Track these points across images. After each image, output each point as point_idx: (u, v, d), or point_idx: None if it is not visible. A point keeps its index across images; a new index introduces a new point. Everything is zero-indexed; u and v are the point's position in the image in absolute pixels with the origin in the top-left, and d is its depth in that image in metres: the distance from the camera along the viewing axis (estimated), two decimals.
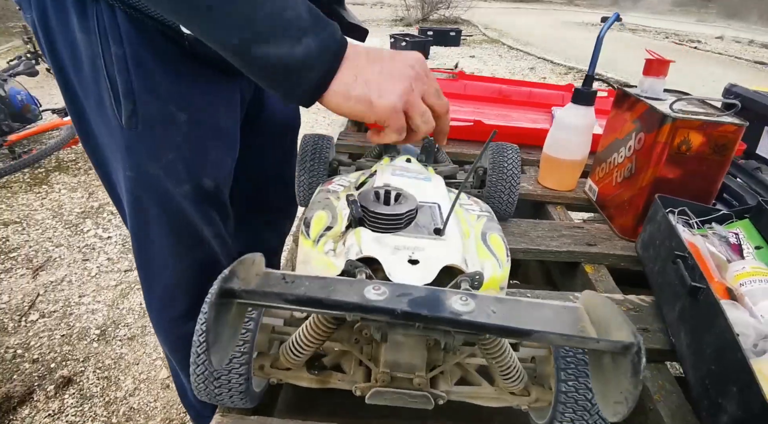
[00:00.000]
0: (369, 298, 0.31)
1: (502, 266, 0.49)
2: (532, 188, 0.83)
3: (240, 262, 0.29)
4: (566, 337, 0.28)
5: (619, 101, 0.74)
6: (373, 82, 0.44)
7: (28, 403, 1.38)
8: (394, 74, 0.45)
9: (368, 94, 0.44)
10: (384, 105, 0.44)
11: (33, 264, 1.97)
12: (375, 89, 0.44)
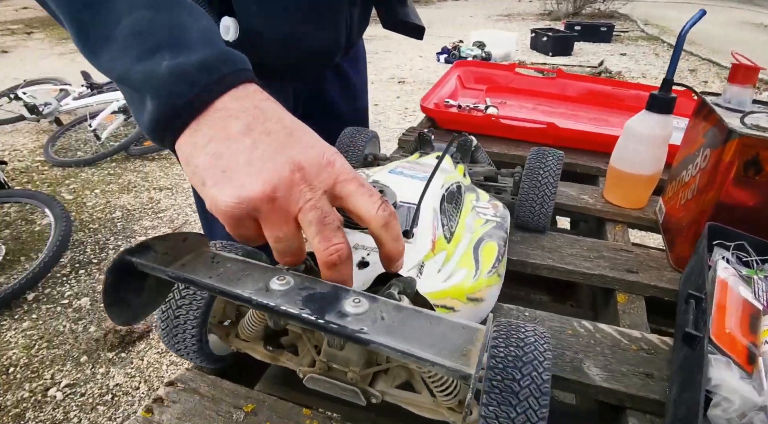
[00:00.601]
0: (272, 288, 0.32)
1: (478, 277, 0.47)
2: (591, 202, 0.75)
3: (160, 237, 0.34)
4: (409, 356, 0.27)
5: (698, 111, 0.63)
6: (225, 160, 0.30)
7: (145, 339, 1.67)
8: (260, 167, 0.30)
9: (207, 172, 0.30)
10: (215, 195, 0.30)
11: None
12: (217, 171, 0.30)
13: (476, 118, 0.97)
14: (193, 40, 0.32)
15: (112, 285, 0.31)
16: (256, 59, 0.68)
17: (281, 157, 0.30)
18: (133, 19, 0.31)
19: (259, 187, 0.29)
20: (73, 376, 1.51)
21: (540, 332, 0.38)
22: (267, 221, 0.30)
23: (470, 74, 1.24)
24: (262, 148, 0.30)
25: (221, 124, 0.31)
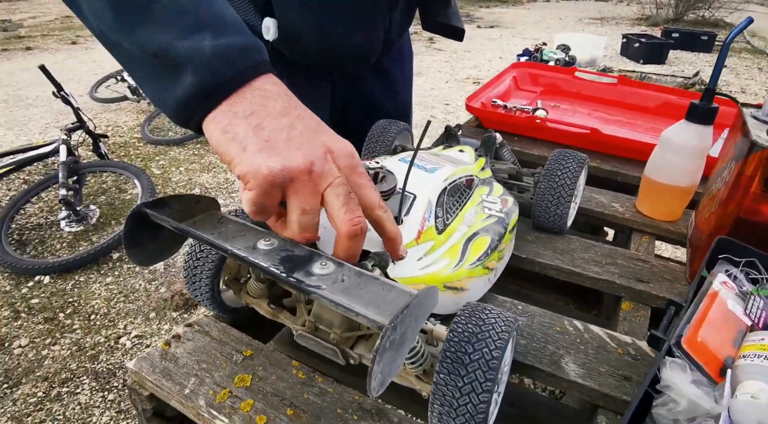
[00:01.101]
0: (258, 247, 0.38)
1: (459, 268, 0.49)
2: (621, 211, 0.74)
3: (177, 195, 0.40)
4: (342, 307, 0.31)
5: (736, 122, 0.60)
6: (266, 132, 0.33)
7: None
8: (299, 142, 0.34)
9: (249, 139, 0.33)
10: (256, 161, 0.32)
11: None
12: (260, 140, 0.33)
13: (519, 119, 0.97)
14: (230, 26, 0.35)
15: (130, 230, 0.38)
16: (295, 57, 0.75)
17: (316, 140, 0.35)
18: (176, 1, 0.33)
19: (300, 160, 0.33)
20: (142, 329, 1.70)
21: (504, 317, 0.40)
22: (299, 192, 0.33)
23: (526, 76, 1.23)
24: (299, 129, 0.34)
25: (261, 102, 0.34)
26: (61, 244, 2.16)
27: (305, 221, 0.35)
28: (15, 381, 1.48)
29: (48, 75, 2.29)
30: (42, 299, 1.83)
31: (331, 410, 0.42)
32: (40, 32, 6.10)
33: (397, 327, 0.29)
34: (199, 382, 0.44)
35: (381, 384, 0.30)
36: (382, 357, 0.28)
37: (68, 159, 2.23)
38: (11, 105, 3.74)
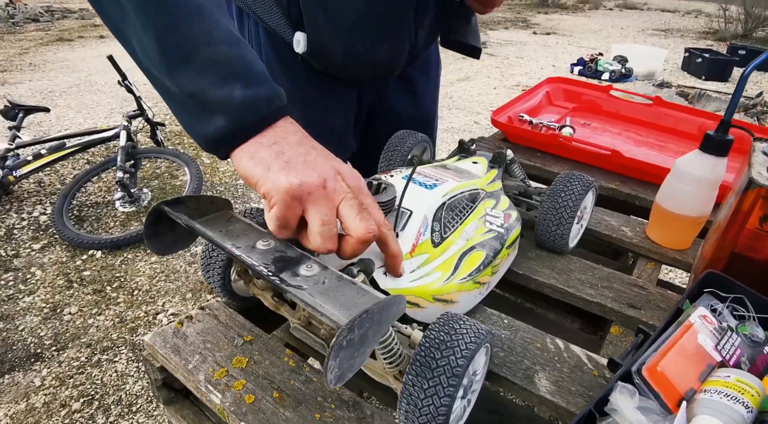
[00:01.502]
0: (257, 246, 0.43)
1: (449, 282, 0.52)
2: (629, 236, 0.74)
3: (192, 196, 0.46)
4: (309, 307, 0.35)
5: (748, 154, 0.59)
6: (286, 155, 0.39)
7: None
8: (313, 163, 0.40)
9: (272, 161, 0.39)
10: (278, 178, 0.38)
11: None
12: (281, 162, 0.39)
13: (542, 135, 0.98)
14: (258, 77, 0.41)
15: (150, 224, 0.44)
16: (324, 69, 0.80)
17: (327, 163, 0.41)
18: (212, 51, 0.39)
19: (315, 177, 0.39)
20: (178, 307, 1.82)
21: (477, 329, 0.43)
22: (317, 204, 0.39)
23: (560, 91, 1.23)
24: (313, 155, 0.41)
25: (282, 135, 0.41)
26: (114, 222, 2.33)
27: (325, 232, 0.39)
28: (62, 345, 1.63)
29: (115, 64, 2.48)
30: (93, 271, 2.00)
31: (313, 398, 0.47)
32: None
33: (355, 329, 0.33)
34: (202, 359, 0.50)
35: (339, 378, 0.34)
36: (338, 354, 0.32)
37: (127, 144, 2.41)
38: (82, 89, 4.05)
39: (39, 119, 3.32)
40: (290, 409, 0.45)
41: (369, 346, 0.36)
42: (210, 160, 2.96)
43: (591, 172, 0.93)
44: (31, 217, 2.34)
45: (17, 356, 1.59)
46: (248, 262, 0.40)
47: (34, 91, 3.92)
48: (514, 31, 7.14)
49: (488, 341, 0.45)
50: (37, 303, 1.82)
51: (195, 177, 2.36)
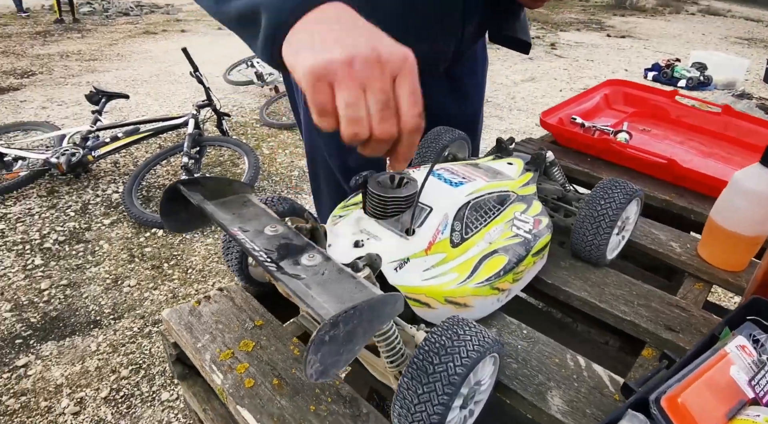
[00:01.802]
0: (264, 232, 0.43)
1: (464, 285, 0.50)
2: (678, 252, 0.68)
3: (211, 177, 0.47)
4: (296, 296, 0.35)
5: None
6: (317, 37, 0.36)
7: None
8: (345, 39, 0.36)
9: (300, 44, 0.37)
10: (304, 59, 0.36)
11: None
12: (309, 42, 0.36)
13: (593, 139, 0.92)
14: None
15: (165, 201, 0.45)
16: None
17: (363, 40, 0.36)
18: None
19: (338, 52, 0.35)
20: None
21: (482, 336, 0.41)
22: (341, 84, 0.35)
23: (620, 94, 1.15)
24: (349, 32, 0.36)
25: (321, 16, 0.38)
26: None
27: (349, 115, 0.35)
28: (119, 314, 1.76)
29: (188, 57, 2.62)
30: (153, 248, 2.13)
31: (311, 388, 0.46)
32: (194, 17, 6.93)
33: (340, 324, 0.32)
34: (211, 339, 0.51)
35: (321, 373, 0.33)
36: (319, 348, 0.31)
37: (194, 132, 2.54)
38: (161, 79, 4.32)
39: (120, 105, 3.58)
40: (287, 397, 0.45)
41: (358, 343, 0.35)
42: (269, 151, 3.07)
43: (645, 182, 0.86)
44: (104, 194, 2.53)
45: (79, 321, 1.73)
46: (247, 246, 0.40)
47: (119, 79, 4.24)
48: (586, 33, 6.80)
49: (496, 351, 0.43)
50: (101, 274, 1.97)
51: (252, 166, 2.45)
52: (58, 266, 2.01)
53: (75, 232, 2.23)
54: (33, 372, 1.53)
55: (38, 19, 6.29)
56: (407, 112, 0.37)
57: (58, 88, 3.98)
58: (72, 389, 1.48)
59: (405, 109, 0.37)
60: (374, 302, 0.34)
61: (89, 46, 5.25)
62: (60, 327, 1.71)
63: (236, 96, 3.96)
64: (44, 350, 1.61)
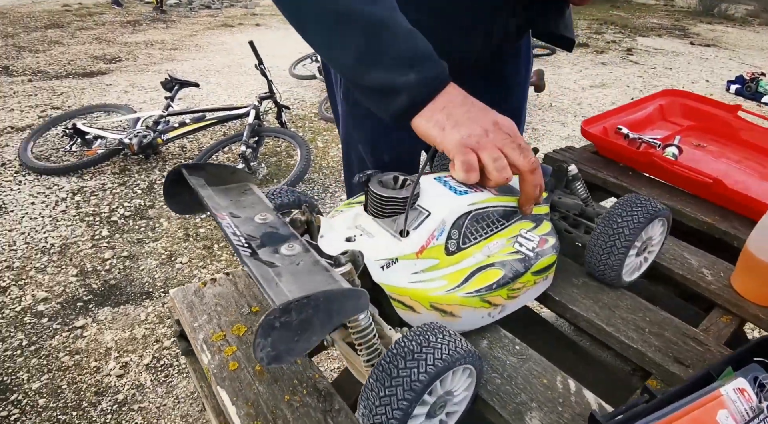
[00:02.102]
0: (255, 220, 0.45)
1: (452, 293, 0.49)
2: (708, 280, 0.62)
3: (216, 164, 0.49)
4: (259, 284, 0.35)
5: None
6: (455, 116, 0.51)
7: None
8: (475, 118, 0.51)
9: (445, 123, 0.51)
10: (453, 135, 0.50)
11: None
12: (452, 122, 0.51)
13: (635, 153, 0.86)
14: (426, 58, 0.51)
15: (169, 182, 0.48)
16: None
17: (486, 116, 0.51)
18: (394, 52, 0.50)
19: (479, 128, 0.50)
20: None
21: (455, 347, 0.40)
22: (485, 148, 0.49)
23: (676, 105, 1.07)
24: (474, 111, 0.51)
25: (449, 100, 0.52)
26: None
27: (498, 166, 0.49)
28: (169, 288, 1.88)
29: (254, 50, 2.74)
30: (207, 229, 2.25)
31: (290, 379, 0.48)
32: (269, 12, 7.21)
33: (292, 312, 0.32)
34: (207, 320, 0.54)
35: (273, 358, 0.34)
36: (268, 333, 0.32)
37: (254, 122, 2.66)
38: (233, 70, 4.54)
39: (192, 93, 3.81)
40: (265, 384, 0.47)
41: (315, 334, 0.35)
42: (323, 145, 3.14)
43: (688, 201, 0.79)
44: None
45: (133, 291, 1.87)
46: (227, 230, 0.41)
47: (194, 69, 4.51)
48: (667, 40, 6.35)
49: (470, 363, 0.42)
50: (158, 249, 2.12)
51: (304, 158, 2.52)
52: (121, 238, 2.18)
53: (140, 208, 2.40)
54: (88, 334, 1.68)
55: (130, 9, 6.82)
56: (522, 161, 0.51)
57: (140, 74, 4.30)
58: (119, 353, 1.61)
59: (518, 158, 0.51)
60: (332, 295, 0.34)
61: (172, 36, 5.62)
62: (116, 295, 1.86)
63: (299, 90, 4.08)
64: (100, 314, 1.76)
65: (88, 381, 1.51)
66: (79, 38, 5.30)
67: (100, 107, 3.19)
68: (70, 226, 2.24)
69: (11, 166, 2.70)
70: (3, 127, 3.12)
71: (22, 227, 2.22)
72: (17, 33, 5.35)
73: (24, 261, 2.01)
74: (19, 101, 3.55)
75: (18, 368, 1.55)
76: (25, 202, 2.39)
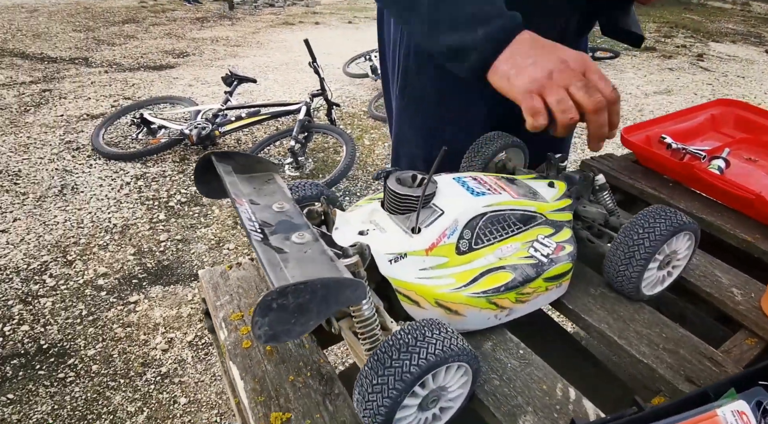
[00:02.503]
0: (272, 208, 0.48)
1: (457, 292, 0.50)
2: (736, 300, 0.59)
3: (243, 153, 0.53)
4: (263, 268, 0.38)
5: None
6: (519, 64, 0.52)
7: None
8: (540, 62, 0.52)
9: (509, 72, 0.53)
10: (517, 83, 0.52)
11: None
12: (516, 70, 0.52)
13: (674, 163, 0.83)
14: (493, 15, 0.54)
15: (200, 167, 0.52)
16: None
17: (552, 57, 0.52)
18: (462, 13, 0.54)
19: (541, 72, 0.51)
20: None
21: (451, 344, 0.42)
22: (549, 91, 0.50)
23: (730, 116, 1.01)
24: (539, 54, 0.52)
25: (516, 49, 0.53)
26: None
27: (562, 108, 0.50)
28: None
29: (308, 48, 2.82)
30: None
31: (296, 361, 0.50)
32: (329, 11, 7.38)
33: (288, 295, 0.35)
34: (229, 300, 0.58)
35: (271, 337, 0.36)
36: (266, 313, 0.35)
37: (304, 118, 2.75)
38: (290, 68, 4.69)
39: (251, 88, 3.97)
40: (272, 364, 0.50)
41: (312, 318, 0.37)
42: (370, 143, 3.19)
43: (729, 217, 0.75)
44: None
45: (183, 272, 1.99)
46: (243, 215, 0.45)
47: (254, 65, 4.70)
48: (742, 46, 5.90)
49: (465, 361, 0.43)
50: (208, 235, 2.24)
51: (349, 155, 2.58)
52: (176, 223, 2.32)
53: (195, 196, 2.54)
54: (140, 309, 1.81)
55: (199, 6, 7.19)
56: (604, 88, 0.51)
57: (205, 68, 4.53)
58: (166, 329, 1.72)
59: (601, 86, 0.51)
60: (329, 282, 0.37)
61: (236, 33, 5.88)
62: (168, 275, 1.98)
63: (351, 88, 4.16)
64: (152, 292, 1.89)
65: (136, 352, 1.63)
66: (152, 33, 5.66)
67: (165, 99, 3.40)
68: (131, 208, 2.41)
69: (85, 150, 2.93)
70: (80, 115, 3.40)
71: (89, 206, 2.41)
72: (97, 27, 5.78)
73: (89, 238, 2.19)
74: (95, 91, 3.84)
75: (77, 335, 1.69)
76: (94, 184, 2.60)
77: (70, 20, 5.99)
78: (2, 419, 1.40)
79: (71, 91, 3.82)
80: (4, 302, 1.82)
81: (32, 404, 1.45)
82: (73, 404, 1.45)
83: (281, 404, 0.46)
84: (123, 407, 1.45)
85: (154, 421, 1.42)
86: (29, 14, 6.14)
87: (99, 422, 1.41)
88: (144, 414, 1.43)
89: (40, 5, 6.64)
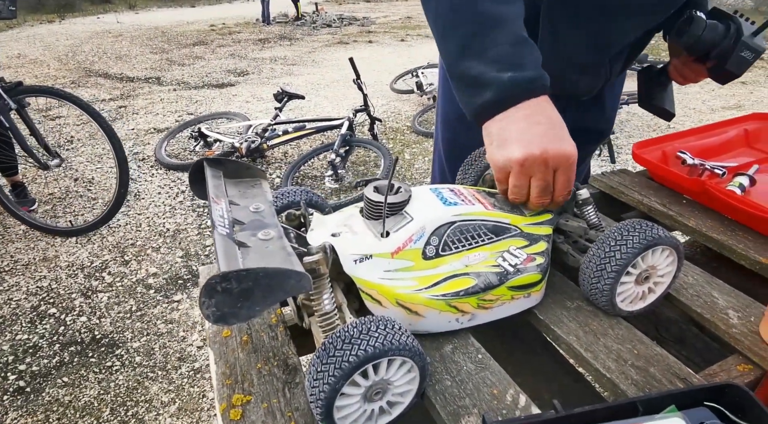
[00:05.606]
0: (250, 208, 0.53)
1: (417, 294, 0.52)
2: (731, 323, 0.56)
3: (233, 160, 0.58)
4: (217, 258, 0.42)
5: None
6: (506, 133, 0.53)
7: None
8: (523, 143, 0.52)
9: (494, 138, 0.54)
10: (495, 156, 0.54)
11: None
12: (499, 141, 0.54)
13: (685, 180, 0.79)
14: (527, 64, 0.54)
15: (194, 171, 0.57)
16: None
17: (538, 142, 0.51)
18: (497, 51, 0.54)
19: (517, 154, 0.52)
20: None
21: (395, 340, 0.44)
22: (513, 174, 0.54)
23: (763, 132, 0.95)
24: (530, 132, 0.52)
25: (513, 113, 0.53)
26: (321, 194, 2.79)
27: (514, 192, 0.56)
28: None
29: (353, 65, 2.93)
30: None
31: (267, 352, 0.54)
32: (383, 29, 7.57)
33: (232, 280, 0.39)
34: None
35: (217, 317, 0.39)
36: (211, 294, 0.38)
37: (346, 132, 2.84)
38: (340, 84, 4.86)
39: (301, 104, 4.16)
40: (245, 353, 0.54)
41: (258, 304, 0.41)
42: (410, 157, 3.23)
43: (744, 238, 0.71)
44: (270, 177, 3.00)
45: None
46: (215, 214, 0.49)
47: (307, 82, 4.91)
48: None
49: (408, 357, 0.45)
50: None
51: (386, 169, 2.63)
52: None
53: None
54: (182, 308, 1.93)
55: (262, 28, 7.62)
56: (559, 194, 0.56)
57: (262, 86, 4.79)
58: (202, 327, 1.82)
59: (558, 192, 0.55)
60: (271, 271, 0.40)
61: (293, 53, 6.18)
62: None
63: (398, 103, 4.23)
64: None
65: (174, 347, 1.74)
66: (218, 54, 6.07)
67: (222, 114, 3.64)
68: (183, 215, 2.59)
69: (149, 160, 3.19)
70: (148, 128, 3.70)
71: (148, 212, 2.62)
72: (171, 49, 6.29)
73: (145, 241, 2.37)
74: (163, 107, 4.18)
75: (126, 328, 1.83)
76: (154, 191, 2.81)
77: (148, 43, 6.56)
78: (57, 399, 1.55)
79: (143, 107, 4.17)
80: (68, 295, 2.01)
81: (82, 388, 1.59)
82: (117, 391, 1.58)
83: (245, 388, 0.50)
84: (158, 397, 1.56)
85: (184, 412, 1.51)
86: (114, 38, 6.79)
87: (137, 408, 1.52)
88: (176, 405, 1.53)
89: (125, 30, 7.32)
